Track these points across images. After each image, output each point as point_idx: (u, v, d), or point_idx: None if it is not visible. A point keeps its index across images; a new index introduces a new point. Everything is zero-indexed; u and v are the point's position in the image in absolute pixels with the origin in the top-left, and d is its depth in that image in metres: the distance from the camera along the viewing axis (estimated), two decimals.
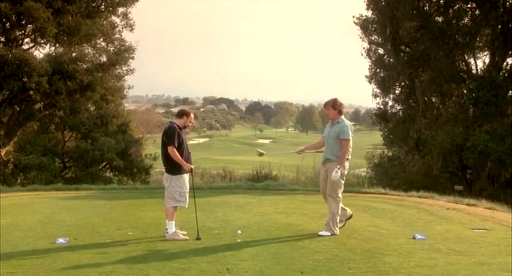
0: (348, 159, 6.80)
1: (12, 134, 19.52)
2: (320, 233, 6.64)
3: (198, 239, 6.42)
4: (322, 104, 7.04)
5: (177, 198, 6.54)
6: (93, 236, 6.69)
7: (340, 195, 6.72)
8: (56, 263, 5.29)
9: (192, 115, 6.77)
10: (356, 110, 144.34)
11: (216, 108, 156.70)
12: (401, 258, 5.54)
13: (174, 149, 6.42)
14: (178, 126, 6.58)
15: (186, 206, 6.64)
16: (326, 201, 6.85)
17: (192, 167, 6.72)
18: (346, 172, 6.83)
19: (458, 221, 7.81)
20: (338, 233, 6.65)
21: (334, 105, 6.78)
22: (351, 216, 6.97)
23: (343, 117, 6.81)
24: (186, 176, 6.64)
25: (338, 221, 6.71)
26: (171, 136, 6.45)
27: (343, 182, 6.74)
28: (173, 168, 6.54)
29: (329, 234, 6.59)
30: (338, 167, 6.59)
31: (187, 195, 6.62)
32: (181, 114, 6.69)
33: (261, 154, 7.37)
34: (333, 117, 6.81)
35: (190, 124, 6.79)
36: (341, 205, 6.76)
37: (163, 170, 6.80)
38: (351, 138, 6.68)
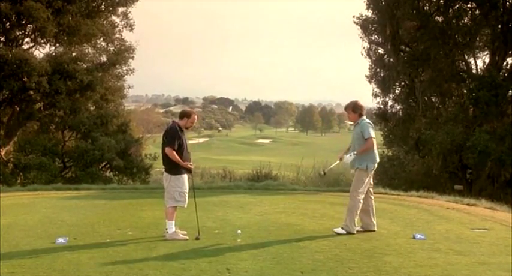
0: (377, 160, 6.85)
1: (12, 134, 19.50)
2: (334, 230, 6.69)
3: (197, 239, 6.42)
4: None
5: (177, 198, 6.54)
6: (93, 236, 6.69)
7: (360, 194, 6.72)
8: (56, 263, 5.30)
9: (194, 116, 6.72)
10: None
11: (219, 108, 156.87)
12: (401, 258, 5.54)
13: (173, 151, 6.43)
14: (179, 127, 6.58)
15: (186, 206, 6.64)
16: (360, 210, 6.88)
17: (191, 166, 6.70)
18: (372, 172, 6.86)
19: (458, 221, 7.81)
20: (355, 231, 6.65)
21: (354, 109, 6.86)
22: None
23: (363, 117, 6.88)
24: (186, 176, 6.64)
25: (356, 219, 6.71)
26: (171, 137, 6.47)
27: (365, 182, 6.77)
28: (173, 168, 6.54)
29: (344, 232, 6.62)
30: (354, 153, 6.67)
31: (187, 195, 6.62)
32: (183, 115, 6.69)
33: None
34: (354, 120, 6.90)
35: (191, 125, 6.77)
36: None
37: (163, 169, 6.82)
38: (372, 135, 6.72)
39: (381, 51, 21.29)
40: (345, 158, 6.81)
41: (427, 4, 19.11)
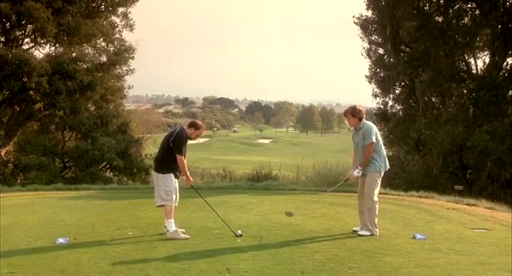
0: (386, 159, 6.86)
1: (12, 134, 19.50)
2: (359, 233, 6.69)
3: (240, 235, 6.53)
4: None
5: (164, 197, 6.57)
6: (93, 236, 6.69)
7: (376, 197, 6.74)
8: (56, 263, 5.29)
9: (202, 130, 6.81)
10: None
11: (219, 108, 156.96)
12: (401, 258, 5.54)
13: (183, 158, 6.53)
14: (186, 135, 6.64)
15: (174, 205, 6.65)
16: (360, 211, 6.93)
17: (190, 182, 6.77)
18: (383, 173, 6.86)
19: (458, 221, 7.81)
20: (378, 233, 6.66)
21: (353, 113, 6.83)
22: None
23: (364, 120, 6.84)
24: (172, 176, 6.66)
25: (376, 221, 6.72)
26: (181, 145, 6.51)
27: (379, 183, 6.81)
28: (163, 167, 6.62)
29: (368, 234, 6.63)
30: (360, 168, 6.72)
31: (173, 194, 6.63)
32: (192, 125, 6.75)
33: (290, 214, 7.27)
34: (355, 124, 6.86)
35: (195, 137, 6.84)
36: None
37: (153, 167, 6.93)
38: (374, 140, 6.71)
39: (381, 51, 21.33)
40: (353, 175, 6.82)
41: (427, 4, 19.13)
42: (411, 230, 6.96)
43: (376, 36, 21.09)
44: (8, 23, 18.74)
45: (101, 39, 21.28)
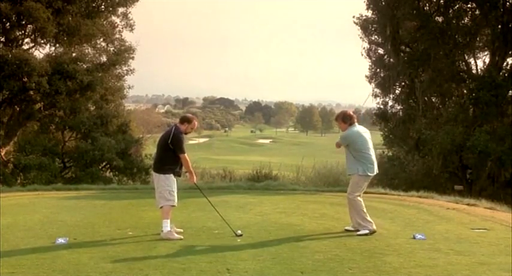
0: (370, 165, 6.82)
1: (12, 134, 19.49)
2: (358, 233, 6.70)
3: (240, 235, 6.53)
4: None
5: (167, 197, 6.57)
6: (93, 236, 6.69)
7: (357, 197, 6.79)
8: (56, 263, 5.29)
9: (194, 122, 6.82)
10: (356, 110, 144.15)
11: (219, 108, 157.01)
12: (401, 258, 5.54)
13: (187, 156, 6.57)
14: (182, 132, 6.65)
15: (176, 204, 6.67)
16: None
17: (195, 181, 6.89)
18: (370, 177, 6.86)
19: (458, 221, 7.81)
20: (374, 227, 6.70)
21: (344, 119, 6.95)
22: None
23: (352, 126, 6.90)
24: (173, 176, 6.69)
25: (367, 217, 6.75)
26: (181, 143, 6.55)
27: (361, 186, 6.86)
28: (164, 168, 6.62)
29: (365, 232, 6.65)
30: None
31: (176, 194, 6.66)
32: (183, 120, 6.77)
33: None
34: (345, 129, 6.97)
35: (191, 131, 6.85)
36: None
37: (152, 169, 6.97)
38: (344, 142, 6.89)
39: (381, 51, 21.31)
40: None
41: (427, 4, 19.13)
42: (411, 230, 6.96)
43: (376, 36, 21.08)
44: (8, 23, 18.73)
45: (101, 39, 21.27)
